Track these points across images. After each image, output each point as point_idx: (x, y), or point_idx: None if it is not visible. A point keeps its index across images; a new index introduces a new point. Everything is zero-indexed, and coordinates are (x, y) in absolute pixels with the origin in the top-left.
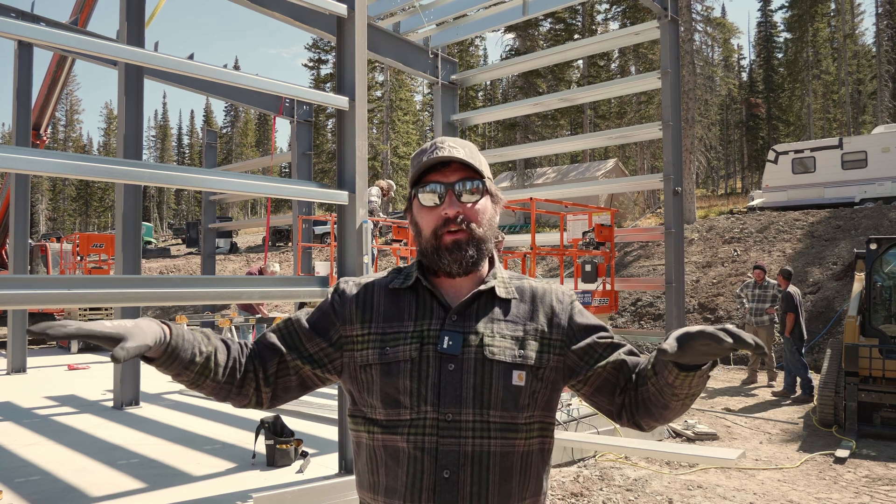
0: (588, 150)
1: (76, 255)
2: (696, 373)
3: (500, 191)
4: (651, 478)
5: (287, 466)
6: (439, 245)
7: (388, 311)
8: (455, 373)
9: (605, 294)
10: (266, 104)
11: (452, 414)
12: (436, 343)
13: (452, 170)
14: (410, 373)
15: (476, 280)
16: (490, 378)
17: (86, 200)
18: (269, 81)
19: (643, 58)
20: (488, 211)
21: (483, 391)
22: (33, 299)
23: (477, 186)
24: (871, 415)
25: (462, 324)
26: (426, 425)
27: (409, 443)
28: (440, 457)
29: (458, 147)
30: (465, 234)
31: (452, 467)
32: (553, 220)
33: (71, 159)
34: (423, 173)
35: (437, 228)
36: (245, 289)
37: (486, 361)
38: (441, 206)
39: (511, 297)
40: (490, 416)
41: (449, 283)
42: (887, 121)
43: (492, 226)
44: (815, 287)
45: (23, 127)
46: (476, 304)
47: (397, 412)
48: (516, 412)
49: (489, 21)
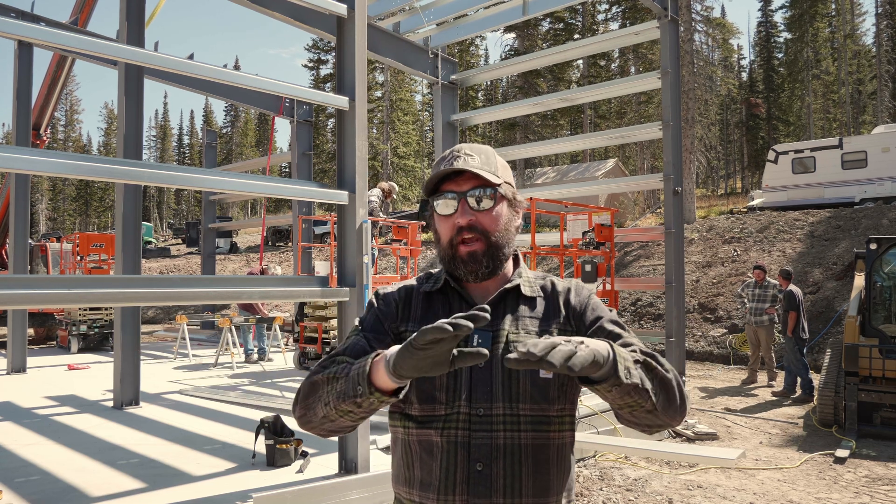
0: (588, 150)
1: (76, 255)
2: (600, 386)
3: (518, 194)
4: (651, 478)
5: (287, 466)
6: (455, 255)
7: (424, 312)
8: (485, 369)
9: (605, 294)
10: (266, 104)
11: (484, 409)
12: (467, 341)
13: (466, 178)
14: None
15: (501, 280)
16: (518, 372)
17: (86, 200)
18: (269, 81)
19: (643, 58)
20: (504, 216)
21: (511, 385)
22: (33, 299)
23: (490, 194)
24: (871, 415)
25: (490, 322)
26: (459, 420)
27: (443, 437)
28: (473, 450)
29: (474, 155)
30: (481, 244)
31: (485, 460)
32: (553, 220)
33: (71, 159)
34: (438, 183)
35: (452, 237)
36: (245, 289)
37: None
38: (455, 215)
39: (536, 295)
40: (520, 409)
41: (475, 284)
42: (887, 121)
43: (508, 231)
44: (815, 287)
45: (23, 127)
46: (503, 302)
47: (432, 408)
48: (547, 404)
49: (489, 21)
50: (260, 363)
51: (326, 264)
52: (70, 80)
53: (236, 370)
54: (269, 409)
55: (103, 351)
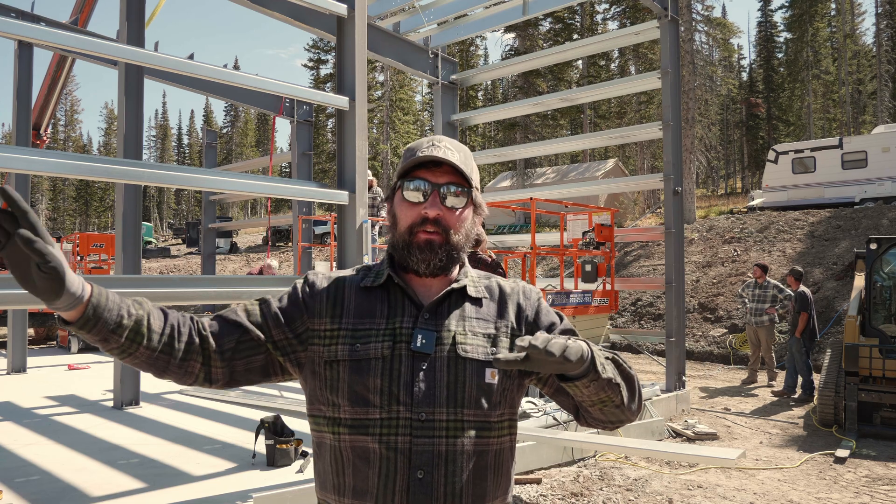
0: (588, 150)
1: (76, 255)
2: (579, 382)
3: (483, 203)
4: (651, 478)
5: (287, 466)
6: (411, 241)
7: (359, 308)
8: (428, 371)
9: (605, 294)
10: (266, 104)
11: (426, 413)
12: (408, 341)
13: (443, 171)
14: (382, 371)
15: (446, 280)
16: (464, 376)
17: (86, 200)
18: (270, 81)
19: (643, 58)
20: (468, 220)
21: (457, 390)
22: (33, 299)
23: (464, 193)
24: (871, 415)
25: (435, 322)
26: (399, 425)
27: (381, 443)
28: (414, 457)
29: (453, 150)
30: (441, 238)
31: (426, 467)
32: (553, 220)
33: (71, 159)
34: (412, 167)
35: (413, 225)
36: (245, 289)
37: (459, 359)
38: (423, 205)
39: (481, 296)
40: (464, 414)
41: (419, 281)
42: (887, 121)
43: (468, 236)
44: (816, 287)
45: (23, 127)
46: (447, 302)
47: (365, 411)
48: (490, 410)
49: (489, 21)
50: None
51: (326, 264)
52: (70, 80)
53: None
54: (269, 409)
55: (103, 351)
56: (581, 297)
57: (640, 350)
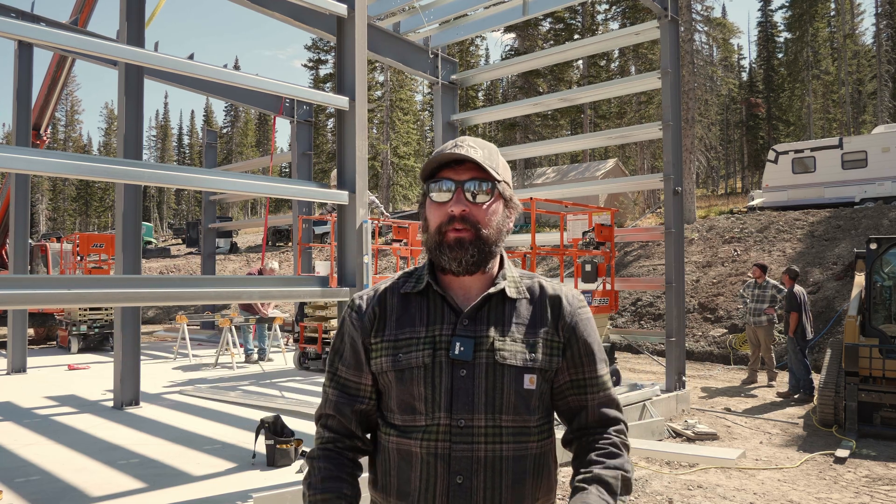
0: (588, 150)
1: (76, 255)
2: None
3: (515, 197)
4: (651, 478)
5: (287, 466)
6: (442, 241)
7: (400, 317)
8: (467, 378)
9: (605, 294)
10: (266, 104)
11: (465, 420)
12: (447, 349)
13: (466, 168)
14: (424, 379)
15: (486, 280)
16: (502, 383)
17: (86, 200)
18: (270, 81)
19: (643, 58)
20: (498, 214)
21: (495, 396)
22: (33, 299)
23: (487, 188)
24: (871, 415)
25: (473, 328)
26: (439, 431)
27: (423, 448)
28: (453, 462)
29: (477, 148)
30: (470, 234)
31: (465, 473)
32: (553, 220)
33: (71, 159)
34: (436, 169)
35: (441, 224)
36: (245, 289)
37: (497, 366)
38: (449, 203)
39: (522, 297)
40: (502, 420)
41: (458, 283)
42: (887, 121)
43: (500, 229)
44: (816, 287)
45: (23, 127)
46: (487, 306)
47: (413, 418)
48: (528, 416)
49: (489, 21)
50: (260, 363)
51: (326, 264)
52: (70, 80)
53: (236, 370)
54: (269, 409)
55: (103, 351)
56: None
57: (640, 350)
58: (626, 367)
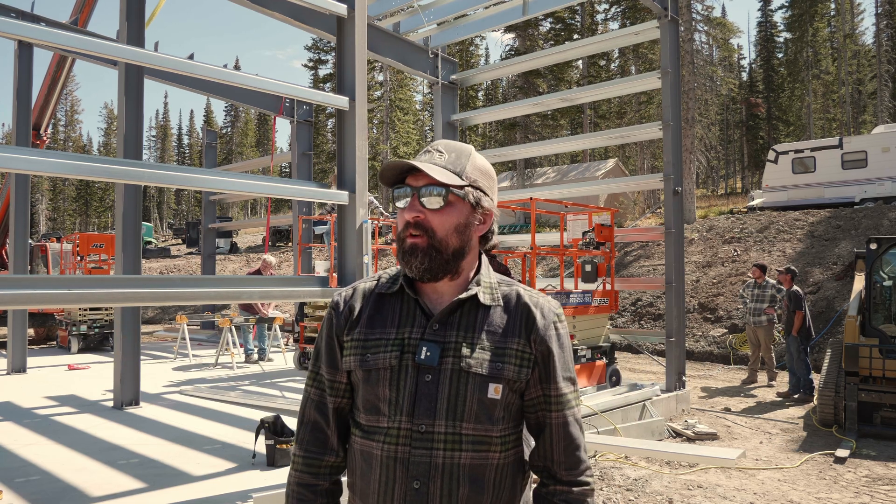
0: (588, 150)
1: (76, 255)
2: None
3: (490, 200)
4: (651, 478)
5: (287, 466)
6: (401, 247)
7: (372, 317)
8: (431, 384)
9: (605, 294)
10: (266, 104)
11: (426, 425)
12: (415, 352)
13: (423, 174)
14: (389, 381)
15: (459, 285)
16: (465, 390)
17: (86, 200)
18: (270, 81)
19: (643, 58)
20: (454, 218)
21: (457, 403)
22: (33, 299)
23: (438, 193)
24: (871, 415)
25: (442, 333)
26: (400, 435)
27: (383, 451)
28: (411, 467)
29: (444, 153)
30: (423, 240)
31: (423, 478)
32: (553, 220)
33: (71, 159)
34: (401, 174)
35: (401, 231)
36: (245, 289)
37: (461, 373)
38: (405, 209)
39: (496, 304)
40: (462, 428)
41: (431, 287)
42: (887, 121)
43: (461, 234)
44: (816, 287)
45: (23, 127)
46: (459, 312)
47: (377, 419)
48: (490, 425)
49: (489, 21)
50: (260, 363)
51: (326, 264)
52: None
53: (236, 370)
54: (269, 409)
55: (103, 351)
56: (581, 297)
57: (640, 350)
58: (626, 367)
